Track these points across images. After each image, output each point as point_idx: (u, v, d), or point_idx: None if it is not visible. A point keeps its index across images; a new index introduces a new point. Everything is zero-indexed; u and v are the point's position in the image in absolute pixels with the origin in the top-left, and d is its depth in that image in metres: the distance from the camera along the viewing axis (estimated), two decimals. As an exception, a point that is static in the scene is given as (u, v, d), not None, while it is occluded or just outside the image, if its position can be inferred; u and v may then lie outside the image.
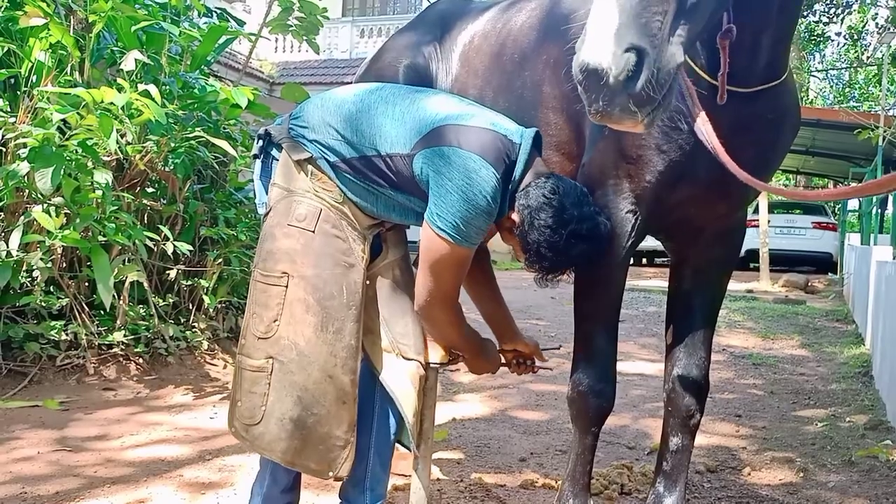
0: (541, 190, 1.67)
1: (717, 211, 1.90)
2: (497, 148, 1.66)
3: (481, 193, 1.61)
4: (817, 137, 13.84)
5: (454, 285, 1.73)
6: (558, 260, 1.70)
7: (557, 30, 2.02)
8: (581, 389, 1.92)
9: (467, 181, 1.60)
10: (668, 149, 1.73)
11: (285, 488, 1.85)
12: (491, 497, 2.42)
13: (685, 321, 1.99)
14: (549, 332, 6.01)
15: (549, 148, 2.02)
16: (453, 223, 1.61)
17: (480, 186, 1.60)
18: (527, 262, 1.74)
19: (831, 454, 3.04)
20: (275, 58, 17.17)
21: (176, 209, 3.90)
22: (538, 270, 1.74)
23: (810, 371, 4.90)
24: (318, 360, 1.68)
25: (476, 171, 1.61)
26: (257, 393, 1.70)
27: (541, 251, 1.68)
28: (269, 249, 1.72)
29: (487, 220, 1.66)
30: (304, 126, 1.77)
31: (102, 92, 3.16)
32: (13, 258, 3.22)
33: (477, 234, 1.66)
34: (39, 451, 2.70)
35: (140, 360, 3.72)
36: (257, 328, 1.70)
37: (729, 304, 7.93)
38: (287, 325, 1.68)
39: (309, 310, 1.68)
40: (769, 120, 1.79)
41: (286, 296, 1.68)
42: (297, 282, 1.69)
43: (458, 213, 1.61)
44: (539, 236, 1.66)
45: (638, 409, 3.70)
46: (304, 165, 1.74)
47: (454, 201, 1.61)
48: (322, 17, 5.00)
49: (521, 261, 1.78)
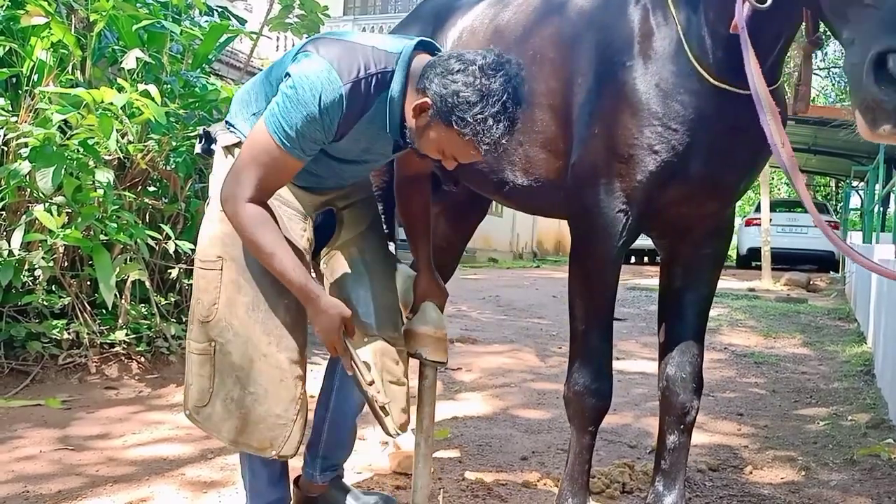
0: (439, 66, 1.56)
1: (708, 208, 1.90)
2: (354, 57, 1.60)
3: (314, 96, 1.54)
4: (819, 136, 13.83)
5: (260, 186, 1.61)
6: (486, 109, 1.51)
7: (544, 26, 2.03)
8: (577, 389, 1.93)
9: (302, 80, 1.55)
10: (660, 149, 1.74)
11: (270, 481, 1.85)
12: (492, 496, 2.42)
13: (677, 319, 2.00)
14: (552, 330, 6.01)
15: (534, 145, 2.02)
16: (278, 122, 1.57)
17: (315, 89, 1.54)
18: (464, 138, 1.54)
19: (833, 453, 3.04)
20: (276, 56, 17.15)
21: (177, 208, 3.90)
22: (476, 142, 1.54)
23: (812, 370, 4.90)
24: (252, 339, 1.69)
25: (317, 73, 1.55)
26: (204, 375, 1.73)
27: (467, 116, 1.51)
28: (206, 236, 1.76)
29: (316, 130, 1.58)
30: (232, 115, 1.83)
31: (102, 92, 3.17)
32: (15, 257, 3.23)
33: (303, 141, 1.58)
34: (41, 449, 2.71)
35: (142, 358, 3.72)
36: (200, 313, 1.73)
37: (731, 303, 7.92)
38: (224, 307, 1.70)
39: (240, 290, 1.70)
40: None
41: (221, 279, 1.71)
42: (229, 264, 1.71)
43: (284, 112, 1.56)
44: (457, 91, 1.51)
45: (639, 408, 3.69)
46: (233, 150, 1.78)
47: (285, 99, 1.57)
48: (323, 16, 5.01)
49: (449, 165, 1.66)
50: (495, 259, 15.72)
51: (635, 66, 1.76)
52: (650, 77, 1.74)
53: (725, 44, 1.66)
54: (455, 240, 2.83)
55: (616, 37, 1.81)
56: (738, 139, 1.76)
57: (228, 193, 1.62)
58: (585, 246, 1.92)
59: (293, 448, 1.73)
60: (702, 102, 1.71)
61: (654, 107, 1.73)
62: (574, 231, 1.95)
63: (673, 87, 1.72)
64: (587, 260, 1.92)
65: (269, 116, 1.59)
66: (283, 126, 1.57)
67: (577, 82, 1.88)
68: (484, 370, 4.47)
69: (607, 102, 1.79)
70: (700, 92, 1.71)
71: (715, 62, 1.70)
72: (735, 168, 1.84)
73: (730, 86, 1.69)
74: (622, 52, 1.78)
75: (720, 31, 1.66)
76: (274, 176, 1.63)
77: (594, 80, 1.84)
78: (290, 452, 1.73)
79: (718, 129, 1.73)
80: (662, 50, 1.75)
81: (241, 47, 11.54)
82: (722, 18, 1.64)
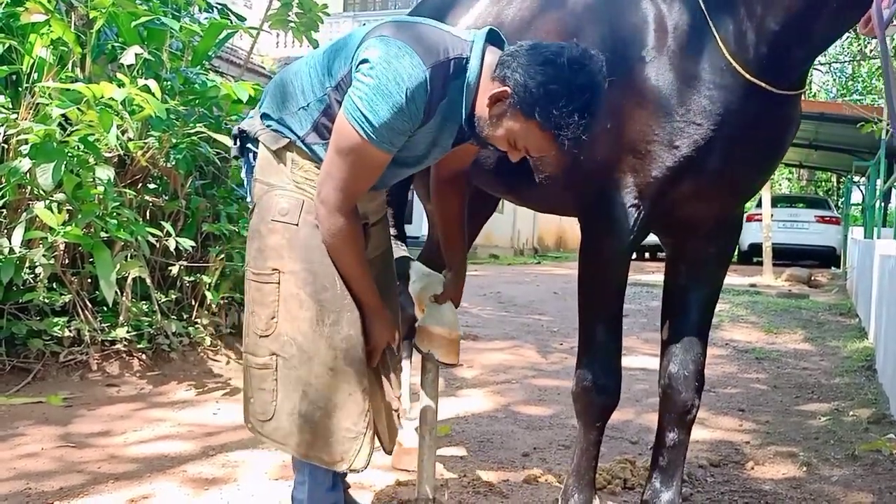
0: (522, 55, 1.50)
1: (720, 206, 1.89)
2: (433, 41, 1.53)
3: (398, 84, 1.46)
4: (820, 131, 13.81)
5: (351, 186, 1.57)
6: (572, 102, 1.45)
7: (549, 22, 2.02)
8: (585, 385, 1.92)
9: (383, 66, 1.47)
10: (680, 144, 1.71)
11: (329, 487, 1.80)
12: (494, 492, 2.42)
13: (682, 316, 1.98)
14: (552, 327, 6.01)
15: None
16: (362, 114, 1.49)
17: (399, 76, 1.46)
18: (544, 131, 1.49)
19: (834, 448, 3.04)
20: (276, 53, 17.15)
21: (178, 205, 3.90)
22: (557, 136, 1.49)
23: (813, 365, 4.90)
24: (318, 354, 1.66)
25: (398, 57, 1.47)
26: (266, 389, 1.69)
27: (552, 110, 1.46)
28: (257, 248, 1.70)
29: (404, 120, 1.50)
30: (271, 110, 1.72)
31: (102, 87, 3.16)
32: (16, 255, 3.23)
33: (391, 133, 1.51)
34: (43, 447, 2.71)
35: (143, 356, 3.72)
36: (257, 326, 1.69)
37: (732, 299, 7.92)
38: (284, 321, 1.66)
39: (303, 305, 1.66)
40: (782, 125, 1.79)
41: (280, 292, 1.66)
42: (287, 277, 1.66)
43: (369, 103, 1.48)
44: (543, 83, 1.46)
45: (641, 404, 3.69)
46: (283, 154, 1.69)
47: (367, 89, 1.48)
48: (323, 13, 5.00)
49: (515, 157, 1.60)
50: (496, 255, 15.72)
51: (654, 61, 1.72)
52: (673, 72, 1.70)
53: (772, 39, 1.63)
54: None
55: (627, 31, 1.78)
56: (759, 137, 1.75)
57: (321, 198, 1.59)
58: (595, 241, 1.90)
59: (364, 460, 1.70)
60: (730, 98, 1.68)
61: (676, 101, 1.70)
62: (584, 226, 1.94)
63: (700, 82, 1.69)
64: (596, 255, 1.90)
65: (351, 110, 1.50)
66: (367, 119, 1.49)
67: None
68: (485, 367, 4.47)
69: (619, 97, 1.76)
70: (730, 88, 1.68)
71: (756, 58, 1.66)
72: (753, 167, 1.83)
73: (769, 84, 1.66)
74: (636, 46, 1.75)
75: (769, 25, 1.62)
76: (364, 174, 1.58)
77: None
78: (361, 465, 1.70)
79: (742, 126, 1.71)
80: (688, 44, 1.71)
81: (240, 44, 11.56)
82: (773, 13, 1.60)
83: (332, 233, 1.60)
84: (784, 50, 1.63)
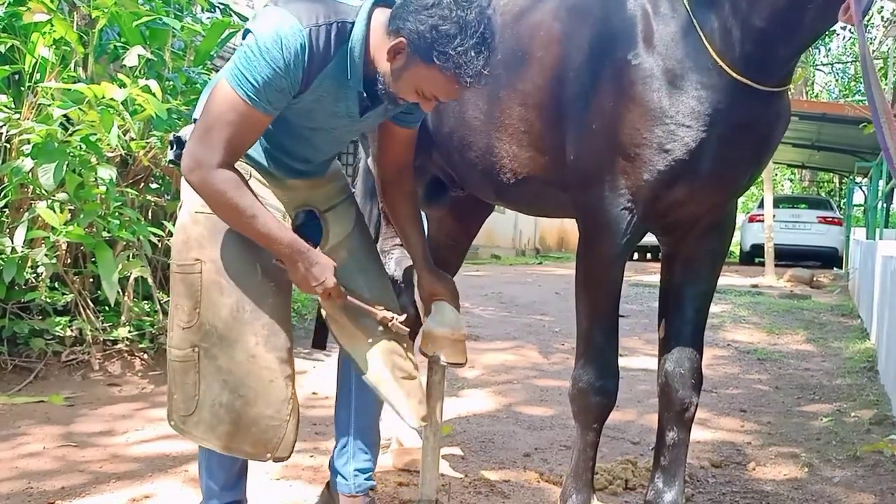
0: (410, 4, 1.51)
1: (712, 205, 1.89)
2: (315, 7, 1.55)
3: (275, 43, 1.49)
4: (823, 132, 13.79)
5: (229, 146, 1.55)
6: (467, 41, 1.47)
7: (532, 24, 2.02)
8: (582, 386, 1.92)
9: (263, 30, 1.50)
10: (671, 147, 1.70)
11: (226, 484, 1.81)
12: (495, 492, 2.42)
13: (677, 314, 1.99)
14: (554, 327, 6.00)
15: (521, 143, 2.00)
16: (241, 75, 1.51)
17: (276, 37, 1.49)
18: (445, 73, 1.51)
19: (836, 449, 3.04)
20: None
21: (180, 205, 3.90)
22: (458, 76, 1.51)
23: (815, 366, 4.89)
24: (238, 340, 1.65)
25: (276, 22, 1.50)
26: (189, 383, 1.69)
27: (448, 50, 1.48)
28: (182, 240, 1.71)
29: (281, 77, 1.51)
30: (197, 111, 1.73)
31: (103, 87, 3.17)
32: (18, 254, 3.23)
33: (268, 91, 1.52)
34: (45, 446, 2.71)
35: (145, 355, 3.73)
36: (181, 318, 1.69)
37: (734, 299, 7.91)
38: (206, 309, 1.66)
39: (223, 291, 1.66)
40: (771, 122, 1.79)
41: (202, 281, 1.67)
42: (208, 266, 1.67)
43: (247, 64, 1.50)
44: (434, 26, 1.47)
45: (642, 405, 3.69)
46: None
47: (246, 50, 1.51)
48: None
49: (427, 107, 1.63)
50: (498, 256, 15.71)
51: (639, 62, 1.72)
52: (659, 73, 1.70)
53: (758, 37, 1.63)
54: (461, 237, 2.82)
55: (613, 32, 1.78)
56: (747, 135, 1.75)
57: (195, 160, 1.54)
58: (590, 243, 1.91)
59: (288, 449, 1.69)
60: (718, 98, 1.68)
61: (664, 104, 1.69)
62: (580, 229, 1.95)
63: (688, 83, 1.69)
64: (591, 257, 1.91)
65: (232, 71, 1.53)
66: (246, 78, 1.51)
67: (569, 78, 1.86)
68: (487, 367, 4.47)
69: (607, 99, 1.77)
70: (717, 87, 1.67)
71: (742, 56, 1.66)
72: (742, 165, 1.83)
73: (755, 82, 1.66)
74: (622, 47, 1.75)
75: (754, 23, 1.62)
76: (242, 134, 1.56)
77: (588, 76, 1.81)
78: (285, 454, 1.69)
79: (731, 126, 1.71)
80: (674, 44, 1.70)
81: (243, 44, 11.53)
82: (758, 10, 1.60)
83: (218, 188, 1.55)
84: (770, 47, 1.63)
